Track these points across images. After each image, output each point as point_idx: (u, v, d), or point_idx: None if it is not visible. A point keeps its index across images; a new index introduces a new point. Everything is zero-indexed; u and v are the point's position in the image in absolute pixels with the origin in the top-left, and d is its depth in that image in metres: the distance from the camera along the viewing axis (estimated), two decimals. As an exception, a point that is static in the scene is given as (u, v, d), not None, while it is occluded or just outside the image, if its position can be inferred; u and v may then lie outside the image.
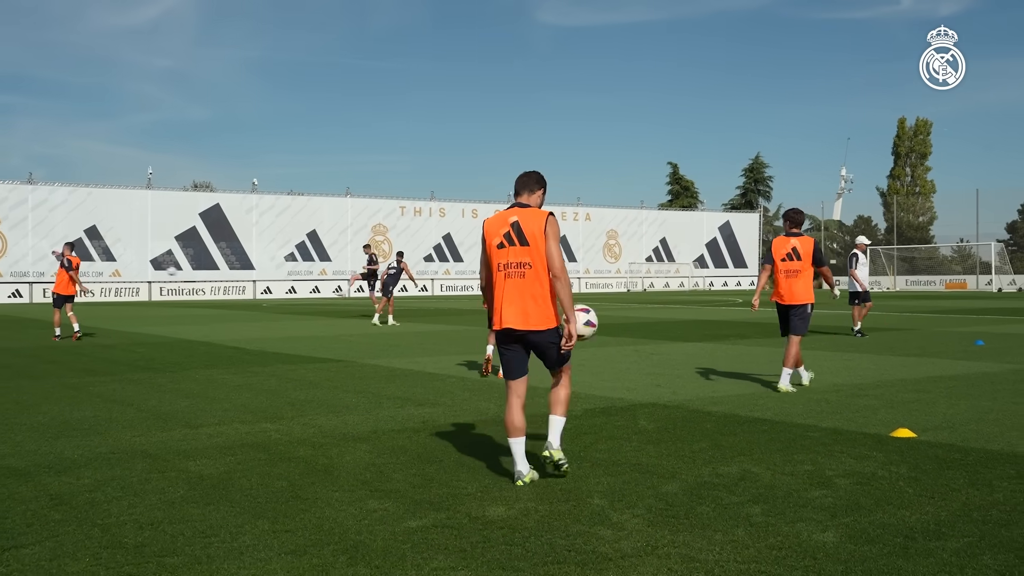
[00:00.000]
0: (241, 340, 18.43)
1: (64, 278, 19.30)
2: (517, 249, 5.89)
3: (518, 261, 5.88)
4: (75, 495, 5.61)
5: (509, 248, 5.92)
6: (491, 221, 6.07)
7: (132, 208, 55.08)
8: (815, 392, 10.11)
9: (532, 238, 5.85)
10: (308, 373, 12.24)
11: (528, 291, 5.87)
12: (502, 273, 5.94)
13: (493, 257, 5.99)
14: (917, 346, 16.11)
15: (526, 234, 5.87)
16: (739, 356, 14.46)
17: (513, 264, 5.89)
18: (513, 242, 5.90)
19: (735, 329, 21.36)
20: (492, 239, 6.00)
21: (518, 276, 5.89)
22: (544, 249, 5.84)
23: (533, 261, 5.86)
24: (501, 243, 5.95)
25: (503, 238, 5.94)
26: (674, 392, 10.16)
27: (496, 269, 5.98)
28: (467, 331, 21.14)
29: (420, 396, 9.93)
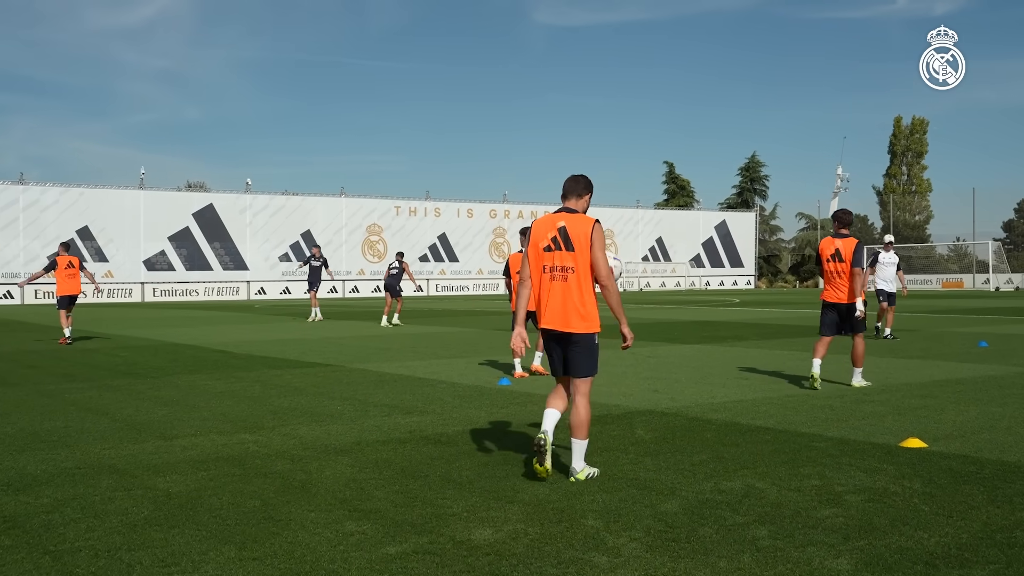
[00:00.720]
0: (229, 343, 18.04)
1: (62, 277, 18.87)
2: (563, 253, 6.13)
3: (563, 265, 6.13)
4: (30, 517, 5.22)
5: (555, 252, 6.16)
6: (540, 223, 6.31)
7: (124, 208, 54.64)
8: (819, 398, 9.74)
9: (578, 244, 6.09)
10: (294, 378, 11.86)
11: (570, 294, 6.11)
12: (547, 275, 6.19)
13: (539, 259, 6.23)
14: (920, 348, 15.75)
15: (572, 240, 6.11)
16: (738, 359, 14.10)
17: (558, 268, 6.14)
18: (560, 246, 6.14)
19: (732, 330, 21.00)
20: (540, 241, 6.23)
21: (562, 279, 6.13)
22: (589, 255, 6.08)
23: (577, 266, 6.10)
24: (548, 246, 6.18)
25: (550, 241, 6.18)
26: (672, 398, 9.80)
27: (541, 271, 6.22)
28: (461, 333, 20.76)
29: (408, 403, 9.56)
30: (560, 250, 6.15)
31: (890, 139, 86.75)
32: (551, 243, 6.19)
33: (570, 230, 6.14)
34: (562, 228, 6.16)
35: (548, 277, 6.19)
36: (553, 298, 6.16)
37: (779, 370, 12.42)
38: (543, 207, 68.38)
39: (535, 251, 6.26)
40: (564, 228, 6.16)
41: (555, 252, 6.17)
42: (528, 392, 10.39)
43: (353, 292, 60.74)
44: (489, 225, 66.51)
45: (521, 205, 68.07)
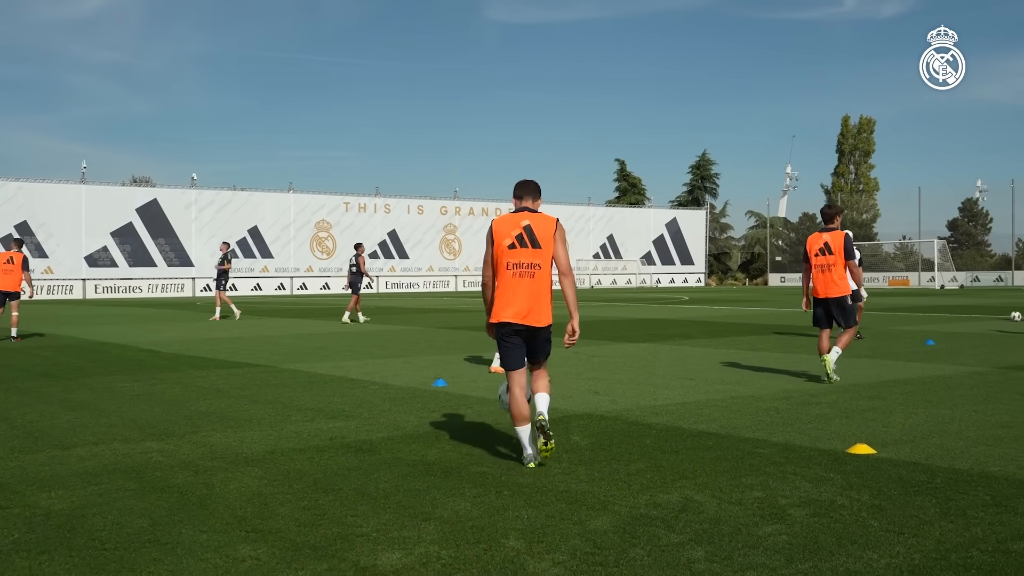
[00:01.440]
0: (160, 342, 17.34)
1: None
2: (529, 251, 6.35)
3: (529, 262, 6.35)
4: None
5: (521, 249, 6.35)
6: (501, 222, 6.46)
7: (65, 203, 53.24)
8: (764, 400, 9.38)
9: (544, 242, 6.36)
10: (219, 380, 11.26)
11: (536, 290, 6.35)
12: (512, 272, 6.36)
13: (503, 256, 6.37)
14: (868, 346, 15.52)
15: (538, 237, 6.36)
16: (683, 358, 13.74)
17: (525, 264, 6.35)
18: (525, 244, 6.35)
19: (680, 328, 20.70)
20: (503, 239, 6.38)
21: (529, 276, 6.35)
22: (552, 252, 6.38)
23: (543, 263, 6.36)
24: (512, 244, 6.35)
25: (515, 239, 6.36)
26: (613, 400, 9.37)
27: (505, 267, 6.37)
28: (403, 332, 20.23)
29: (334, 407, 9.03)
30: (527, 247, 6.35)
31: (838, 138, 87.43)
32: (516, 241, 6.35)
33: (535, 228, 6.38)
34: (527, 226, 6.38)
35: (513, 274, 6.35)
36: (520, 294, 6.34)
37: (725, 370, 12.07)
38: (494, 204, 67.95)
39: (499, 249, 6.38)
40: (529, 226, 6.38)
41: (520, 249, 6.35)
42: (462, 394, 9.92)
43: (301, 289, 59.83)
44: (440, 222, 65.90)
45: (472, 202, 67.55)
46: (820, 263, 11.03)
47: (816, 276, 11.06)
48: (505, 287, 6.40)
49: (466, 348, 15.68)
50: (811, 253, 11.10)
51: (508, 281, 6.39)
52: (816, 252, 11.06)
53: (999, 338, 17.23)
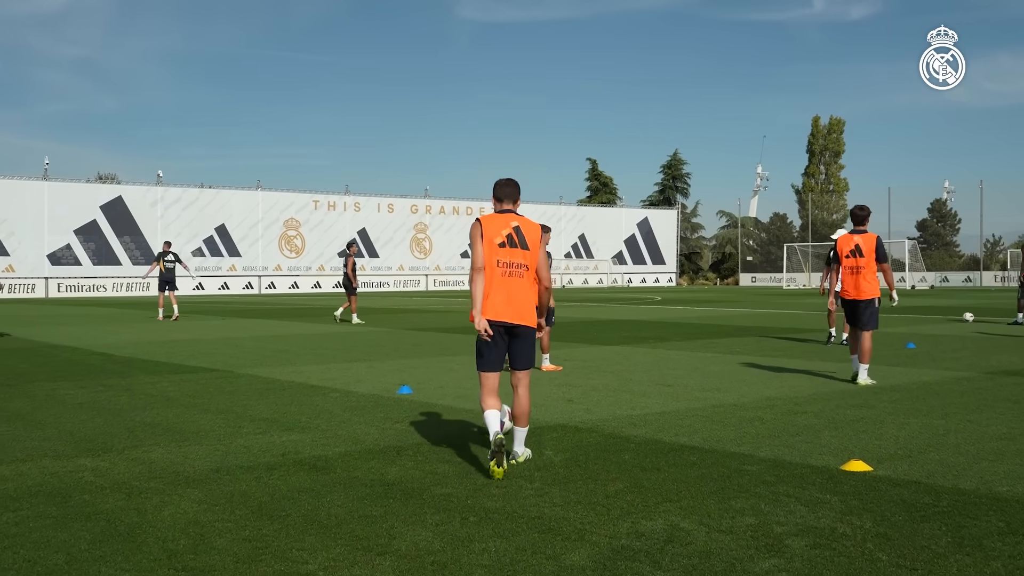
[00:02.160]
0: (115, 344, 16.63)
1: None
2: (519, 251, 6.39)
3: (519, 262, 6.39)
4: None
5: (511, 249, 6.38)
6: (490, 220, 6.44)
7: (26, 200, 52.07)
8: (747, 409, 8.88)
9: (532, 245, 6.44)
10: (170, 386, 10.63)
11: (523, 290, 6.39)
12: (501, 269, 6.35)
13: (492, 253, 6.34)
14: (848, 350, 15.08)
15: (527, 240, 6.42)
16: (660, 362, 13.24)
17: (515, 264, 6.38)
18: (515, 244, 6.39)
19: (654, 330, 20.22)
20: (494, 237, 6.36)
21: (518, 276, 6.38)
22: (538, 257, 6.48)
23: (530, 265, 6.43)
24: (503, 242, 6.37)
25: (505, 238, 6.38)
26: (588, 409, 8.84)
27: (495, 265, 6.34)
28: (370, 334, 19.61)
29: (291, 417, 8.44)
30: (516, 248, 6.39)
31: (808, 139, 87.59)
32: (506, 240, 6.39)
33: (524, 231, 6.45)
34: (517, 228, 6.43)
35: (503, 272, 6.37)
36: (506, 292, 6.35)
37: (704, 375, 11.59)
38: (465, 203, 67.38)
39: (490, 245, 6.37)
40: (519, 228, 6.43)
41: (511, 249, 6.38)
42: (428, 402, 9.35)
43: (269, 288, 58.94)
44: (410, 220, 65.20)
45: (443, 200, 66.91)
46: (850, 265, 11.00)
47: (846, 278, 11.06)
48: (496, 285, 6.36)
49: (433, 351, 15.11)
50: (842, 255, 11.08)
51: (499, 279, 6.37)
52: (847, 254, 11.02)
53: (980, 340, 16.89)
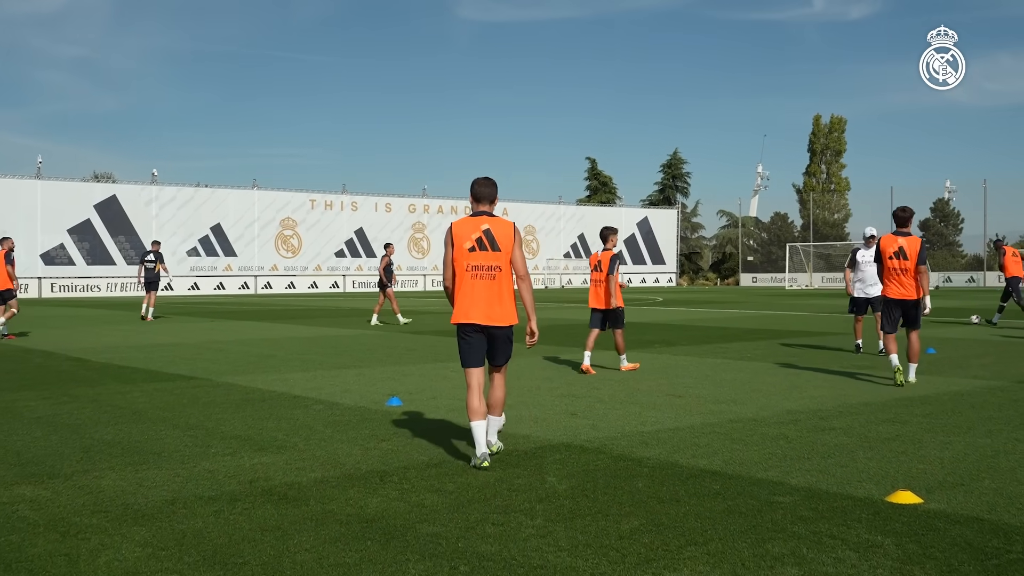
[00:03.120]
0: (93, 348, 15.84)
1: None
2: (489, 254, 6.46)
3: (489, 264, 6.47)
4: None
5: (480, 252, 6.46)
6: (461, 224, 6.56)
7: (19, 199, 51.25)
8: (769, 424, 8.10)
9: (504, 244, 6.47)
10: (141, 397, 9.83)
11: (496, 291, 6.46)
12: (470, 273, 6.48)
13: (462, 258, 6.49)
14: (868, 357, 14.30)
15: (498, 241, 6.47)
16: (668, 369, 12.46)
17: (484, 267, 6.46)
18: (485, 247, 6.45)
19: (659, 333, 19.42)
20: (463, 242, 6.48)
21: (488, 278, 6.47)
22: (512, 255, 6.51)
23: (503, 265, 6.47)
24: (472, 247, 6.46)
25: (475, 242, 6.46)
26: (594, 425, 8.05)
27: (464, 269, 6.48)
28: (362, 337, 18.81)
29: (266, 434, 7.64)
30: (487, 250, 6.46)
31: (809, 137, 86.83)
32: (475, 244, 6.46)
33: (495, 232, 6.50)
34: (487, 230, 6.50)
35: (473, 275, 6.47)
36: (480, 295, 6.46)
37: (717, 384, 10.80)
38: (463, 202, 66.56)
39: (460, 252, 6.49)
40: (489, 230, 6.50)
41: (480, 252, 6.46)
42: (418, 416, 8.57)
43: (266, 288, 58.14)
44: (408, 220, 64.42)
45: (441, 200, 66.15)
46: (896, 267, 11.04)
47: (892, 279, 11.08)
48: (465, 289, 6.49)
49: (428, 356, 14.32)
50: (885, 256, 11.11)
51: (468, 283, 6.49)
52: (891, 255, 11.06)
53: (1002, 345, 16.11)
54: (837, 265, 73.39)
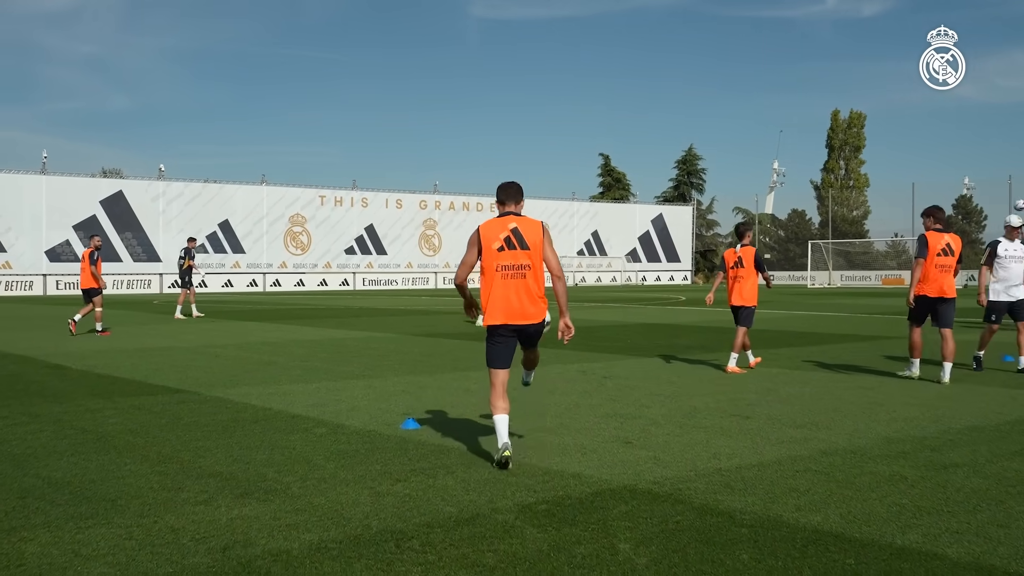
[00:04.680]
0: (78, 353, 14.40)
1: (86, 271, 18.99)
2: (517, 252, 6.44)
3: (519, 263, 6.44)
4: None
5: (509, 251, 6.44)
6: (488, 226, 6.53)
7: (24, 194, 50.10)
8: (874, 460, 6.53)
9: (532, 244, 6.46)
10: (113, 416, 8.36)
11: (527, 290, 6.44)
12: (501, 274, 6.44)
13: (492, 259, 6.44)
14: (937, 364, 12.77)
15: (526, 240, 6.45)
16: (718, 380, 10.95)
17: (514, 266, 6.43)
18: (514, 246, 6.44)
19: (693, 336, 17.89)
20: (491, 243, 6.46)
21: (519, 276, 6.44)
22: (541, 253, 6.48)
23: (532, 263, 6.46)
24: (501, 246, 6.44)
25: (503, 242, 6.45)
26: (657, 458, 6.56)
27: (495, 270, 6.44)
28: (375, 340, 17.33)
29: (254, 470, 6.16)
30: (515, 249, 6.43)
31: (828, 133, 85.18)
32: (504, 243, 6.43)
33: (523, 231, 6.46)
34: (514, 229, 6.46)
35: (503, 275, 6.43)
36: (512, 294, 6.41)
37: (782, 401, 9.29)
38: (475, 198, 65.24)
39: (488, 252, 6.45)
40: (516, 229, 6.46)
41: (508, 251, 6.43)
42: (439, 444, 7.08)
43: (274, 286, 56.79)
44: (419, 216, 63.02)
45: (453, 196, 64.72)
46: (941, 263, 11.02)
47: (933, 275, 11.01)
48: (498, 290, 6.44)
49: (446, 363, 12.83)
50: (932, 253, 10.99)
51: (499, 283, 6.44)
52: (939, 252, 11.00)
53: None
54: (858, 263, 71.73)
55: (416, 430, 7.65)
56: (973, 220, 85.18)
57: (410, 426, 7.75)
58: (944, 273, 11.00)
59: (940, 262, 10.97)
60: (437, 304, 33.49)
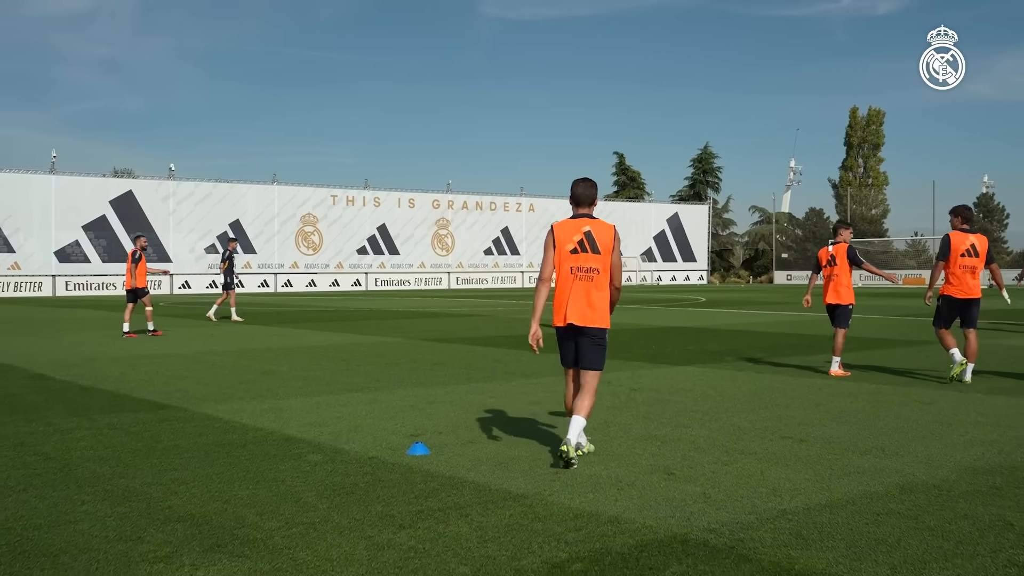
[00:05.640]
0: (67, 361, 13.48)
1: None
2: (589, 256, 6.55)
3: (589, 266, 6.55)
4: None
5: (582, 254, 6.56)
6: (562, 227, 6.66)
7: (33, 194, 49.43)
8: (963, 497, 5.51)
9: (604, 248, 6.57)
10: (84, 439, 7.41)
11: (592, 293, 6.54)
12: (573, 275, 6.56)
13: (564, 260, 6.59)
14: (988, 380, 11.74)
15: (599, 244, 6.56)
16: (760, 393, 9.95)
17: (585, 268, 6.55)
18: (586, 249, 6.56)
19: (723, 341, 16.87)
20: (564, 244, 6.60)
21: (588, 279, 6.54)
22: (610, 259, 6.57)
23: (602, 268, 6.56)
24: (575, 248, 6.58)
25: (576, 244, 6.57)
26: (707, 495, 5.57)
27: (567, 271, 6.59)
28: (382, 346, 16.38)
29: (231, 511, 5.20)
30: (587, 252, 6.55)
31: (846, 130, 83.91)
32: (577, 245, 6.56)
33: (596, 235, 6.58)
34: (588, 232, 6.57)
35: (574, 277, 6.55)
36: (577, 296, 6.52)
37: (835, 418, 8.29)
38: (489, 197, 64.37)
39: (562, 252, 6.58)
40: (590, 232, 6.57)
41: (581, 254, 6.55)
42: (453, 476, 6.11)
43: (286, 287, 55.98)
44: (432, 216, 62.12)
45: (466, 195, 63.78)
46: (965, 264, 10.99)
47: (961, 277, 10.98)
48: (563, 290, 6.57)
49: (460, 374, 11.85)
50: (956, 253, 10.97)
51: (568, 285, 6.56)
52: (963, 252, 10.99)
53: None
54: (876, 262, 70.42)
55: (425, 456, 6.68)
56: (995, 218, 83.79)
57: (418, 451, 6.79)
58: (969, 274, 10.98)
59: (965, 263, 10.97)
60: (449, 306, 32.54)
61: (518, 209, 65.26)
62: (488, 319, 24.13)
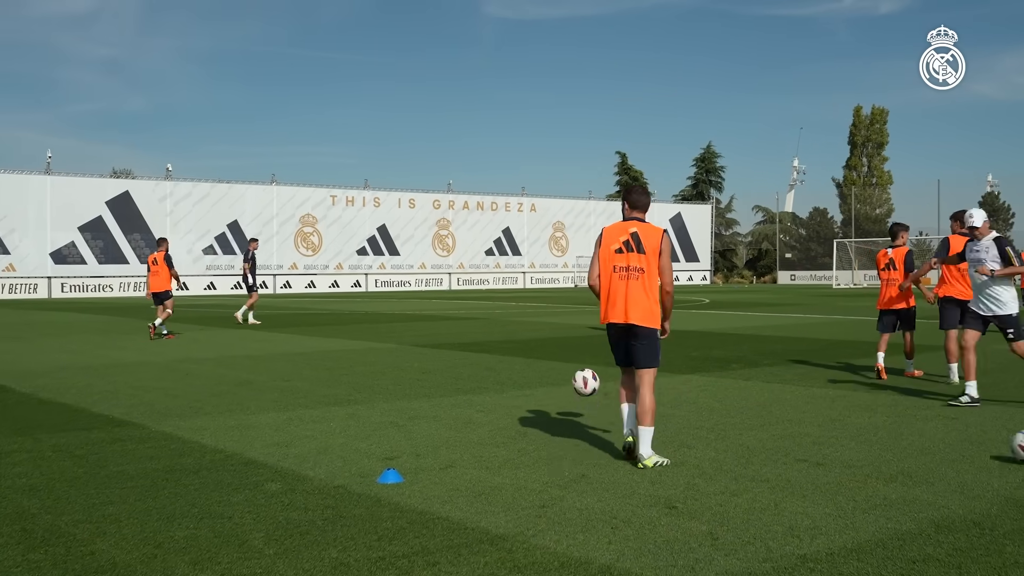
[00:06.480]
0: (34, 370, 12.74)
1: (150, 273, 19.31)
2: (634, 255, 6.67)
3: (635, 266, 6.66)
4: None
5: (627, 254, 6.68)
6: (611, 229, 6.83)
7: (28, 195, 48.72)
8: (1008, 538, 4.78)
9: (650, 250, 6.65)
10: (23, 463, 6.67)
11: (637, 292, 6.63)
12: (617, 275, 6.71)
13: (609, 259, 6.75)
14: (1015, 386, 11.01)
15: (644, 245, 6.65)
16: (769, 406, 9.21)
17: (628, 267, 6.66)
18: (632, 249, 6.68)
19: (729, 347, 16.11)
20: (611, 244, 6.76)
21: (632, 279, 6.65)
22: (658, 260, 6.66)
23: (647, 268, 6.65)
24: (620, 248, 6.72)
25: (622, 244, 6.71)
26: (714, 534, 4.83)
27: (611, 270, 6.73)
28: (367, 351, 15.63)
29: (160, 563, 4.44)
30: (632, 252, 6.66)
31: (850, 129, 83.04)
32: (623, 246, 6.70)
33: (642, 236, 6.68)
34: (634, 233, 6.69)
35: (618, 276, 6.68)
36: (621, 294, 6.65)
37: (854, 437, 7.54)
38: (490, 198, 63.62)
39: (606, 252, 6.74)
40: (636, 233, 6.69)
41: (627, 254, 6.67)
42: (428, 511, 5.37)
43: (285, 288, 55.28)
44: (432, 216, 61.35)
45: (467, 195, 63.04)
46: (964, 266, 10.64)
47: (959, 277, 10.90)
48: (609, 289, 6.72)
49: (446, 385, 11.10)
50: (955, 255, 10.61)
51: (613, 283, 6.71)
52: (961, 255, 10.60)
53: None
54: (882, 262, 69.61)
55: (396, 485, 5.95)
56: (1000, 218, 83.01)
57: (389, 479, 6.05)
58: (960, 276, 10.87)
59: (964, 266, 10.57)
60: (447, 309, 31.80)
61: (519, 209, 64.48)
62: (485, 322, 23.40)
